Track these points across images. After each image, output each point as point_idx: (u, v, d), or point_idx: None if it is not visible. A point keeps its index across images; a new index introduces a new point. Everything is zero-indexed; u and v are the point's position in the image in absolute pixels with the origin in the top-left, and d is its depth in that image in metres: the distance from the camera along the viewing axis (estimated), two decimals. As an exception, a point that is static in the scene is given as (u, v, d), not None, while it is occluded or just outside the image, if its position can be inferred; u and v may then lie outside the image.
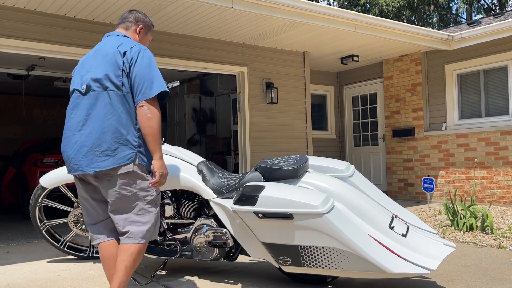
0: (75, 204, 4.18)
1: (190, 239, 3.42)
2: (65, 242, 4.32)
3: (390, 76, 8.96)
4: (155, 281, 3.55)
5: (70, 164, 2.61)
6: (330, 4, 23.61)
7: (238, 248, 3.37)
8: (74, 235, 4.34)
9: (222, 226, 3.35)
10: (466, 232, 5.14)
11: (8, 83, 9.79)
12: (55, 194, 5.16)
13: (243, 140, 7.26)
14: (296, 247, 2.89)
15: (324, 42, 7.43)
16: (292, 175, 3.16)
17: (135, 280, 3.48)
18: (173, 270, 3.85)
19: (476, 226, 5.20)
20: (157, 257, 3.50)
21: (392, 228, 2.99)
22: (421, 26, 15.14)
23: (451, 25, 21.46)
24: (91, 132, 2.54)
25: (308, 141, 7.96)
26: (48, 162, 7.08)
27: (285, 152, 7.60)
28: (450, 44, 7.79)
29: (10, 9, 5.23)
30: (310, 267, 2.92)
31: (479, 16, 22.32)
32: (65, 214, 5.79)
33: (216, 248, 3.35)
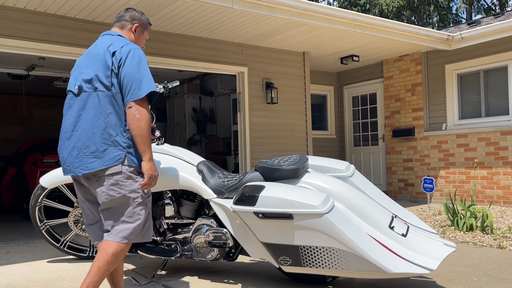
0: (75, 204, 4.18)
1: (190, 239, 3.42)
2: (65, 242, 4.32)
3: (390, 76, 8.96)
4: (155, 281, 3.55)
5: (64, 165, 2.62)
6: (330, 4, 23.60)
7: (238, 248, 3.37)
8: (74, 235, 4.34)
9: (222, 226, 3.35)
10: (466, 232, 5.14)
11: (8, 83, 9.80)
12: (55, 194, 5.17)
13: (243, 140, 7.26)
14: (296, 247, 2.89)
15: (324, 42, 7.43)
16: (292, 175, 3.16)
17: (135, 280, 3.49)
18: (173, 270, 3.85)
19: (476, 226, 5.20)
20: (157, 257, 3.50)
21: (392, 228, 2.99)
22: (421, 26, 15.13)
23: (451, 25, 21.45)
24: (81, 134, 2.54)
25: (308, 141, 7.96)
26: (48, 162, 7.08)
27: (285, 152, 7.60)
28: (450, 44, 7.79)
29: (10, 9, 5.23)
30: (310, 267, 2.92)
31: (479, 16, 22.32)
32: (65, 214, 5.79)
33: (216, 248, 3.35)
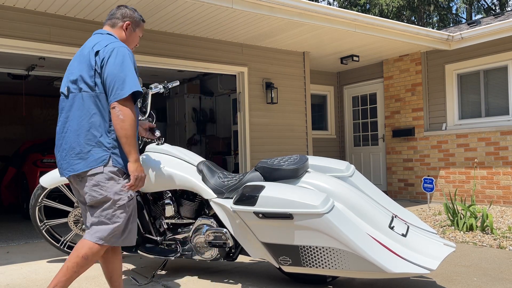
0: (75, 204, 4.17)
1: (190, 239, 3.42)
2: (65, 242, 4.32)
3: (390, 76, 8.96)
4: (155, 281, 3.55)
5: (58, 167, 2.64)
6: (330, 4, 23.60)
7: (238, 248, 3.37)
8: (74, 235, 4.33)
9: (222, 226, 3.35)
10: (466, 232, 5.14)
11: (8, 83, 9.79)
12: (55, 194, 5.16)
13: (243, 140, 7.26)
14: (296, 247, 2.89)
15: (324, 42, 7.43)
16: (292, 175, 3.16)
17: (135, 280, 3.48)
18: (173, 270, 3.85)
19: (476, 226, 5.20)
20: (157, 257, 3.50)
21: (392, 228, 2.99)
22: (421, 26, 15.11)
23: (451, 25, 21.45)
24: (69, 135, 2.54)
25: (308, 141, 7.96)
26: (48, 162, 7.08)
27: (285, 152, 7.59)
28: (450, 44, 7.79)
29: (10, 9, 5.23)
30: (310, 267, 2.92)
31: (479, 16, 22.32)
32: (65, 214, 5.77)
33: (216, 248, 3.35)
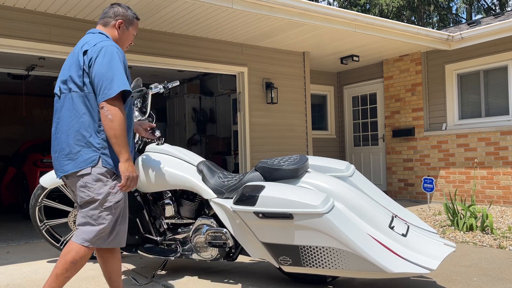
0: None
1: (190, 239, 3.42)
2: (65, 242, 4.31)
3: (390, 76, 8.96)
4: (155, 281, 3.55)
5: (53, 168, 2.64)
6: (330, 4, 23.61)
7: (238, 248, 3.37)
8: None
9: (222, 226, 3.35)
10: (466, 232, 5.14)
11: (8, 83, 9.79)
12: (55, 194, 5.16)
13: (243, 140, 7.26)
14: (296, 247, 2.89)
15: (324, 42, 7.43)
16: (292, 175, 3.16)
17: (135, 280, 3.48)
18: (173, 270, 3.85)
19: (476, 226, 5.20)
20: (157, 257, 3.50)
21: (392, 228, 2.99)
22: (421, 26, 15.11)
23: (451, 25, 21.45)
24: (60, 136, 2.53)
25: (308, 141, 7.96)
26: (48, 162, 7.07)
27: (285, 152, 7.59)
28: (450, 44, 7.79)
29: (10, 9, 5.23)
30: (310, 267, 2.92)
31: (479, 16, 22.32)
32: (65, 214, 5.78)
33: (216, 248, 3.35)
